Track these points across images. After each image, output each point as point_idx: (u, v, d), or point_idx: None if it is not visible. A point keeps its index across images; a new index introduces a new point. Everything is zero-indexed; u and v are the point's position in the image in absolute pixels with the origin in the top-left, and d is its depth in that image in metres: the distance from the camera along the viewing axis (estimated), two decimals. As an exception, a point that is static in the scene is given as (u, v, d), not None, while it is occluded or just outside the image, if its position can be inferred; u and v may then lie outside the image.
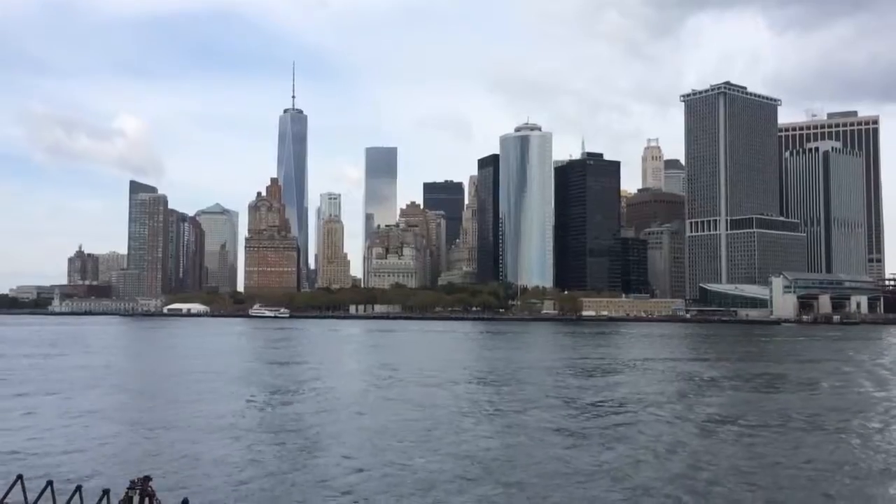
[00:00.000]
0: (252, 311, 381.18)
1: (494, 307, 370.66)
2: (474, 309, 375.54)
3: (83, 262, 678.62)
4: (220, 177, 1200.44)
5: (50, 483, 21.77)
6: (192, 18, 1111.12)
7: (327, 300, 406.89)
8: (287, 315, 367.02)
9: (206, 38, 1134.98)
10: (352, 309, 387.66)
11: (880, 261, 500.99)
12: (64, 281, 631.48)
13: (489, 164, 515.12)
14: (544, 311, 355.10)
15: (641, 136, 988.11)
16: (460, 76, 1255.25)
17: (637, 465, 35.63)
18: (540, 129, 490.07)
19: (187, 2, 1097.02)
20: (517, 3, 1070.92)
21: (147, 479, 21.97)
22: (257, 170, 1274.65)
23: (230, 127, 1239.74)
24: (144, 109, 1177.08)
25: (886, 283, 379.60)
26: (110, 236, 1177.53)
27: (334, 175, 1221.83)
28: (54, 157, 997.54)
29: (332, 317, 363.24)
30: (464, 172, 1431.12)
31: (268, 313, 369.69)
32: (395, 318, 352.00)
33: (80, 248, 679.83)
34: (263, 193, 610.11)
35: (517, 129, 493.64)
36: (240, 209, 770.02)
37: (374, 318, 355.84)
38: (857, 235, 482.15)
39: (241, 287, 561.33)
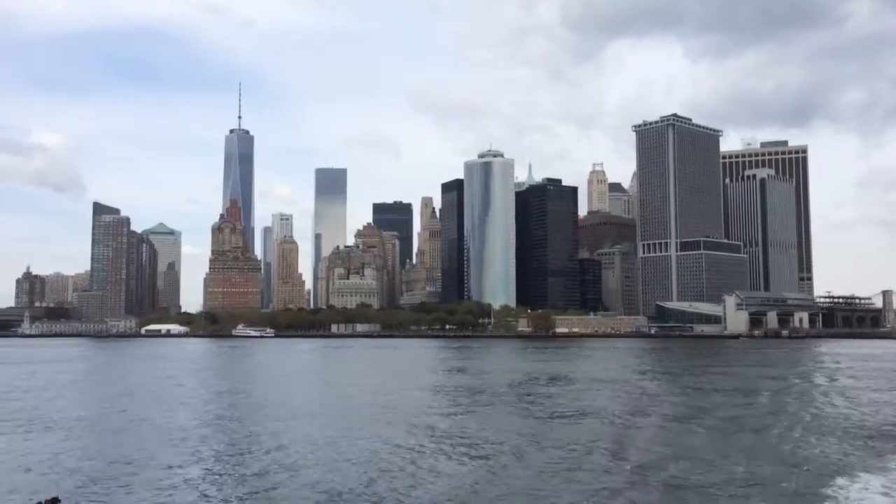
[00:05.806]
0: (236, 332, 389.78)
1: (470, 325, 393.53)
2: (448, 327, 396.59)
3: (31, 284, 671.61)
4: (154, 195, 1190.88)
5: None
6: (118, 36, 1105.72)
7: (309, 320, 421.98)
8: (272, 335, 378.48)
9: (133, 55, 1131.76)
10: (333, 328, 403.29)
11: (810, 279, 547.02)
12: (10, 303, 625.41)
13: (453, 189, 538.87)
14: (519, 329, 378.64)
15: (567, 157, 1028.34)
16: (387, 97, 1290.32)
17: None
18: (503, 155, 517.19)
19: (113, 19, 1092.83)
20: (444, 26, 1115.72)
21: (55, 500, 21.00)
22: (191, 189, 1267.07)
23: (158, 144, 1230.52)
24: (67, 126, 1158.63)
25: (823, 300, 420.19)
26: (48, 255, 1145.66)
27: (264, 193, 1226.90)
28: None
29: (320, 335, 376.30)
30: (400, 192, 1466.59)
31: (253, 333, 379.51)
32: (379, 336, 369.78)
33: (28, 268, 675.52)
34: (225, 215, 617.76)
35: (481, 156, 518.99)
36: (182, 228, 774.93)
37: (359, 336, 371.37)
38: (790, 256, 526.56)
39: (187, 308, 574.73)
